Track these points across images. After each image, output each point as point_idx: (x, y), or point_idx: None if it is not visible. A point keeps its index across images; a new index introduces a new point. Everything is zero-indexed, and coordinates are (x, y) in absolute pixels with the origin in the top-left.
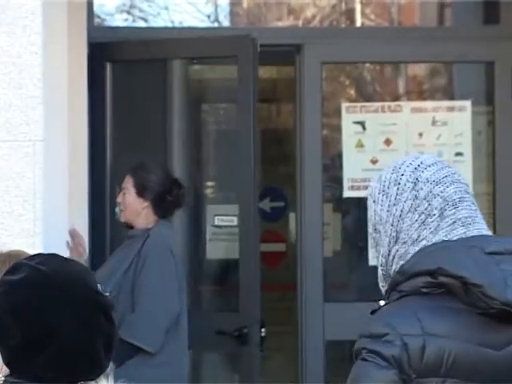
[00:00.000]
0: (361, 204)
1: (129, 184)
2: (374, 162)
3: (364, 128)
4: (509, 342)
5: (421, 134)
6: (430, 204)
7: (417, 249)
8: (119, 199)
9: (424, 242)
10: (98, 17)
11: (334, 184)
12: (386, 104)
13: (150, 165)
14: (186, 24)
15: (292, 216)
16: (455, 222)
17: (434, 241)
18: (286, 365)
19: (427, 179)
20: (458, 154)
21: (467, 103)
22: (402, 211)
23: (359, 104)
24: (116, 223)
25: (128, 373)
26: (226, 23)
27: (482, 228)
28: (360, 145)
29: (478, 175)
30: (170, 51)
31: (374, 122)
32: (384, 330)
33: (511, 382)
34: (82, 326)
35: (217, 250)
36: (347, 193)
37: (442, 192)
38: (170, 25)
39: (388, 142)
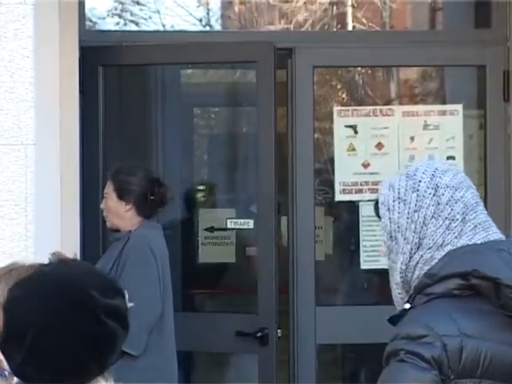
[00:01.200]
0: (352, 208)
1: (109, 189)
2: (365, 165)
3: (356, 132)
4: None
5: (412, 138)
6: (452, 209)
7: (442, 253)
8: (102, 205)
9: (449, 247)
10: (90, 20)
11: (325, 188)
12: (378, 108)
13: (130, 167)
14: (177, 28)
15: (283, 219)
16: (476, 226)
17: (458, 245)
18: (277, 368)
19: (447, 185)
20: (450, 157)
21: (459, 107)
22: (425, 217)
23: (351, 108)
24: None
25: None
26: (217, 27)
27: (498, 231)
28: (352, 148)
29: (470, 179)
30: (182, 56)
31: (366, 125)
32: (422, 331)
33: None
34: (61, 325)
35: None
36: (339, 196)
37: (462, 197)
38: (161, 28)
39: (379, 145)
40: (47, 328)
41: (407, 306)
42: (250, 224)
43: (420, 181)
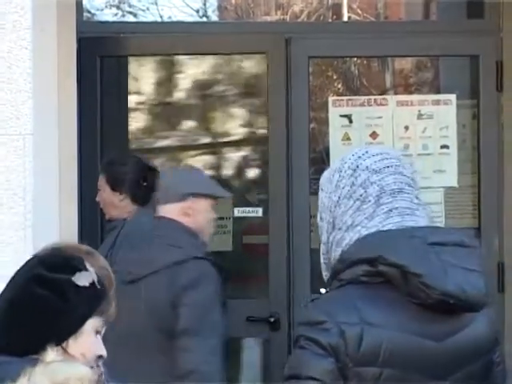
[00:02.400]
0: None
1: (102, 181)
2: None
3: (351, 121)
4: (448, 333)
5: (407, 127)
6: (366, 191)
7: (352, 234)
8: (98, 198)
9: (359, 228)
10: (88, 12)
11: (321, 177)
12: (373, 97)
13: (119, 157)
14: (174, 19)
15: None
16: (391, 210)
17: (369, 226)
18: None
19: (367, 167)
20: (444, 146)
21: (452, 97)
22: (339, 197)
23: (346, 98)
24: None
25: None
26: (214, 18)
27: (420, 220)
28: (346, 138)
29: (463, 167)
30: (195, 47)
31: (361, 115)
32: (322, 317)
33: (450, 374)
34: (20, 297)
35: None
36: None
37: (379, 180)
38: (158, 19)
39: (374, 135)
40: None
41: (323, 290)
42: (258, 212)
43: (345, 162)
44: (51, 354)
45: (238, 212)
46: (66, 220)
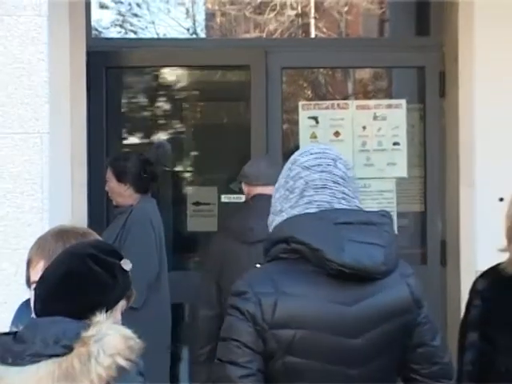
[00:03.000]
0: None
1: (109, 174)
2: None
3: (317, 122)
4: (359, 299)
5: (364, 127)
6: (294, 183)
7: (278, 219)
8: (106, 188)
9: (283, 214)
10: (96, 30)
11: None
12: (336, 102)
13: (123, 154)
14: (169, 36)
15: None
16: (311, 202)
17: (291, 214)
18: None
19: (301, 163)
20: (395, 143)
21: (403, 101)
22: (277, 187)
23: (313, 102)
24: (110, 200)
25: None
26: (202, 35)
27: (342, 208)
28: (314, 136)
29: (412, 161)
30: (184, 60)
31: (326, 117)
32: (244, 288)
33: (362, 333)
34: (62, 268)
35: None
36: None
37: (306, 176)
38: (155, 36)
39: (337, 133)
40: (52, 273)
41: (258, 265)
42: (241, 198)
43: (291, 158)
44: (99, 315)
45: (224, 198)
46: (77, 205)
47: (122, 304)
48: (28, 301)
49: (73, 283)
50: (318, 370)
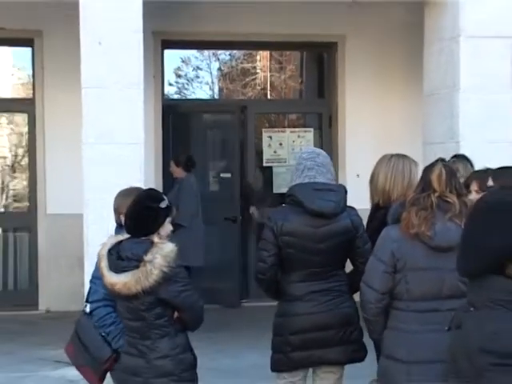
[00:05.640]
0: None
1: (172, 163)
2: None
3: (271, 138)
4: (323, 225)
5: (294, 141)
6: (299, 166)
7: (291, 184)
8: (170, 169)
9: (293, 182)
10: (167, 93)
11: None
12: (280, 129)
13: (178, 155)
14: (202, 97)
15: None
16: (307, 176)
17: (295, 182)
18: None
19: (303, 156)
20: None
21: (311, 130)
22: (293, 169)
23: (269, 129)
24: (171, 176)
25: None
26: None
27: (319, 181)
28: (269, 145)
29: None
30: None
31: (275, 136)
32: (270, 216)
33: (324, 241)
34: (142, 209)
35: None
36: None
37: (304, 163)
38: (199, 97)
39: (281, 144)
40: (132, 212)
41: (283, 205)
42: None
43: (299, 154)
44: (156, 237)
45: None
46: (157, 180)
47: (168, 220)
48: (117, 227)
49: (138, 221)
50: (300, 257)
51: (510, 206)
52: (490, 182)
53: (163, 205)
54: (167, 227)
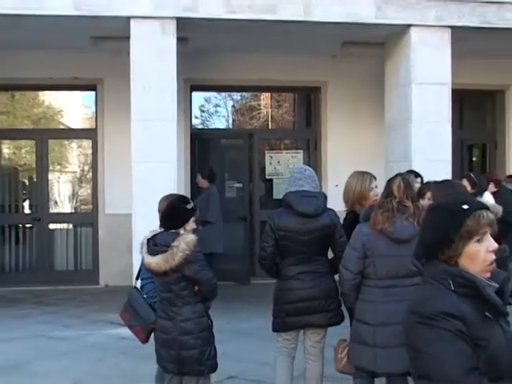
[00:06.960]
0: None
1: (199, 175)
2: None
3: (271, 157)
4: (307, 223)
5: (288, 160)
6: (291, 178)
7: (287, 191)
8: (197, 180)
9: (286, 191)
10: (194, 124)
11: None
12: (277, 150)
13: (203, 170)
14: (218, 126)
15: None
16: (296, 185)
17: (288, 191)
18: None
19: (294, 170)
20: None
21: (301, 151)
22: (288, 181)
23: (270, 150)
24: (197, 186)
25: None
26: (229, 126)
27: (306, 189)
28: (270, 163)
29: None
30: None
31: (275, 156)
32: (270, 216)
33: (308, 235)
34: (173, 209)
35: None
36: None
37: (296, 176)
38: (218, 126)
39: (278, 163)
40: (166, 211)
41: (281, 208)
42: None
43: (292, 170)
44: (182, 230)
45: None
46: (186, 190)
47: (192, 219)
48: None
49: (169, 217)
50: (292, 247)
51: (440, 207)
52: (434, 191)
53: (189, 206)
54: (191, 224)
